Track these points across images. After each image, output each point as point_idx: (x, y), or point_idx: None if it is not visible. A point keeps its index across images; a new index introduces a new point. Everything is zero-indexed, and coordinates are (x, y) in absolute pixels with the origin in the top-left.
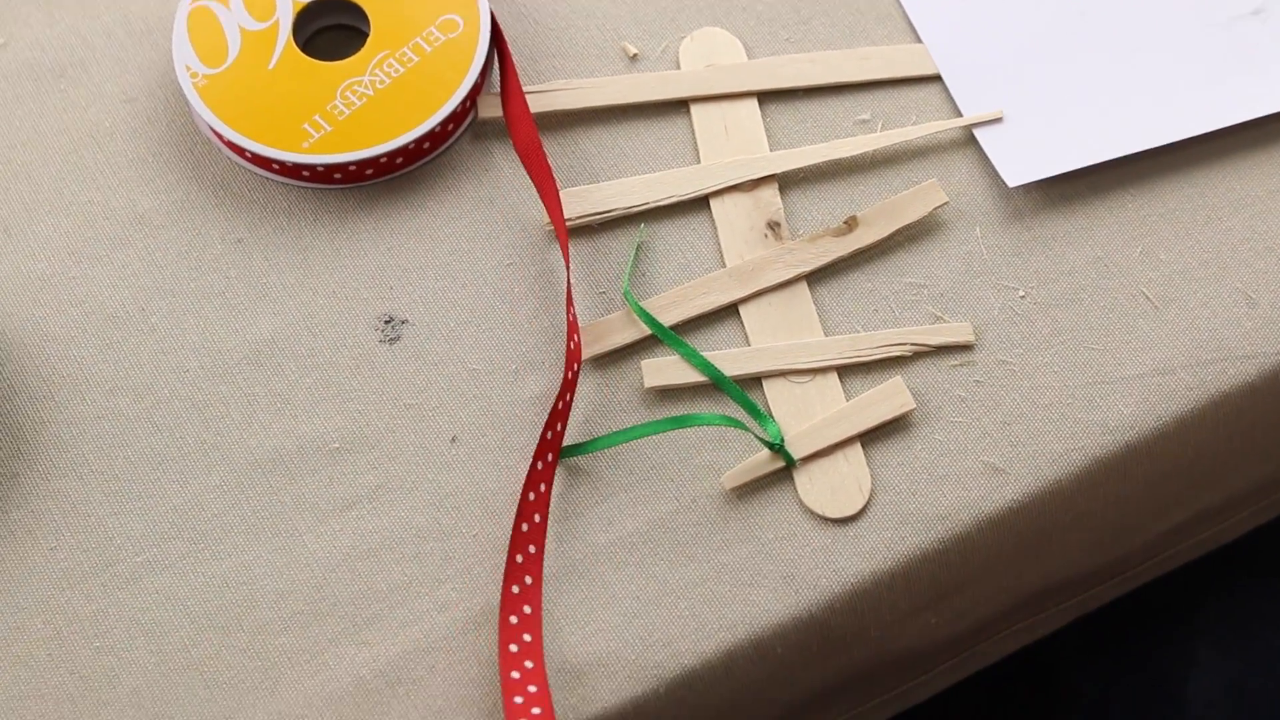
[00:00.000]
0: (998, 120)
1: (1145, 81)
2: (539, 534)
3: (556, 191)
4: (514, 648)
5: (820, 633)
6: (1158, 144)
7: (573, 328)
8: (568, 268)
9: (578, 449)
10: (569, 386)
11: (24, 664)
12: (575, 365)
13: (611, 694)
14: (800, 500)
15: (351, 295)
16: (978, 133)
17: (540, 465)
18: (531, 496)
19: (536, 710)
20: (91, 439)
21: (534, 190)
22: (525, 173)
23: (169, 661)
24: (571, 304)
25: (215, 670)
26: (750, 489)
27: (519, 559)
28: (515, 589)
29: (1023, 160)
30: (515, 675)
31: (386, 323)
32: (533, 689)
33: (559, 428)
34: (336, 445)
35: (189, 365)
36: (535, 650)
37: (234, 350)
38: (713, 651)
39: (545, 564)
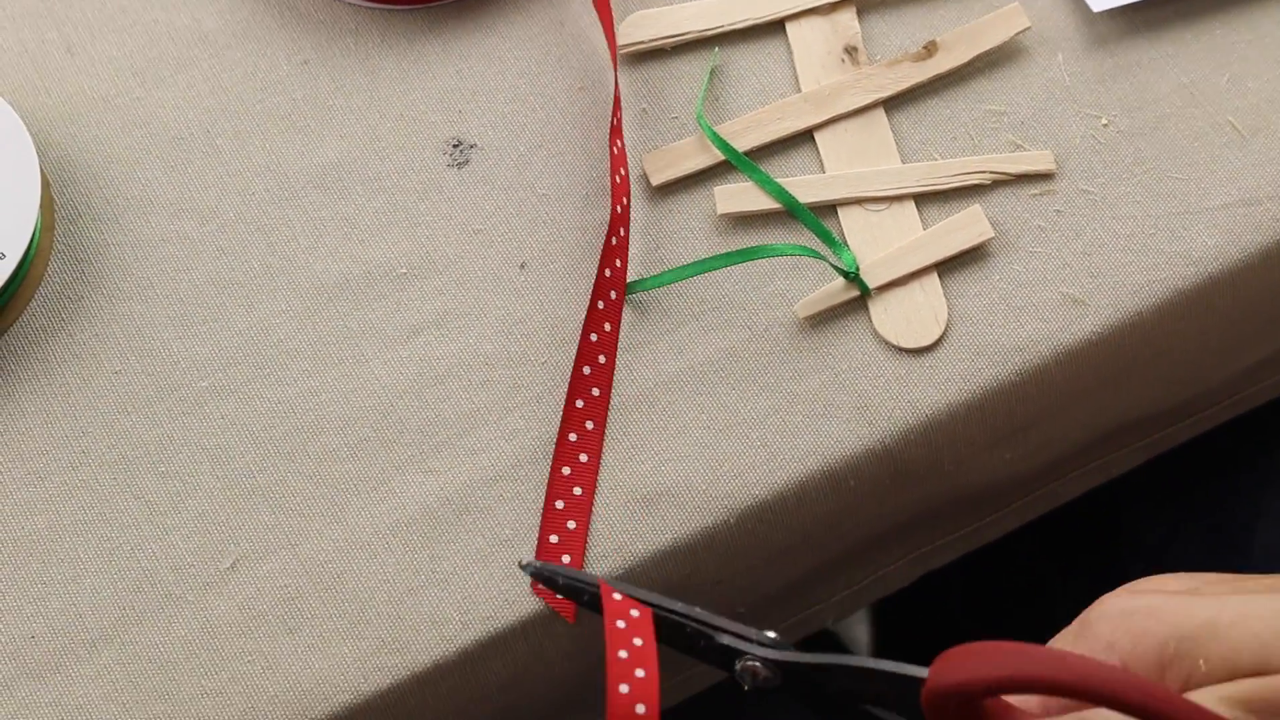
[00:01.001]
0: None
1: None
2: (604, 376)
3: (611, 18)
4: (560, 504)
5: (893, 465)
6: None
7: (618, 160)
8: (616, 99)
9: (644, 283)
10: (621, 221)
11: (89, 488)
12: (625, 198)
13: (682, 524)
14: (875, 330)
15: (419, 119)
16: None
17: (602, 304)
18: (594, 337)
19: (567, 558)
20: (156, 262)
21: None
22: None
23: (234, 487)
24: (618, 136)
25: (280, 496)
26: (824, 318)
27: (579, 404)
28: (573, 436)
29: None
30: (554, 539)
31: (455, 146)
32: (572, 525)
33: (617, 264)
34: (404, 270)
35: (254, 188)
36: (584, 506)
37: (300, 174)
38: (784, 482)
39: (614, 393)
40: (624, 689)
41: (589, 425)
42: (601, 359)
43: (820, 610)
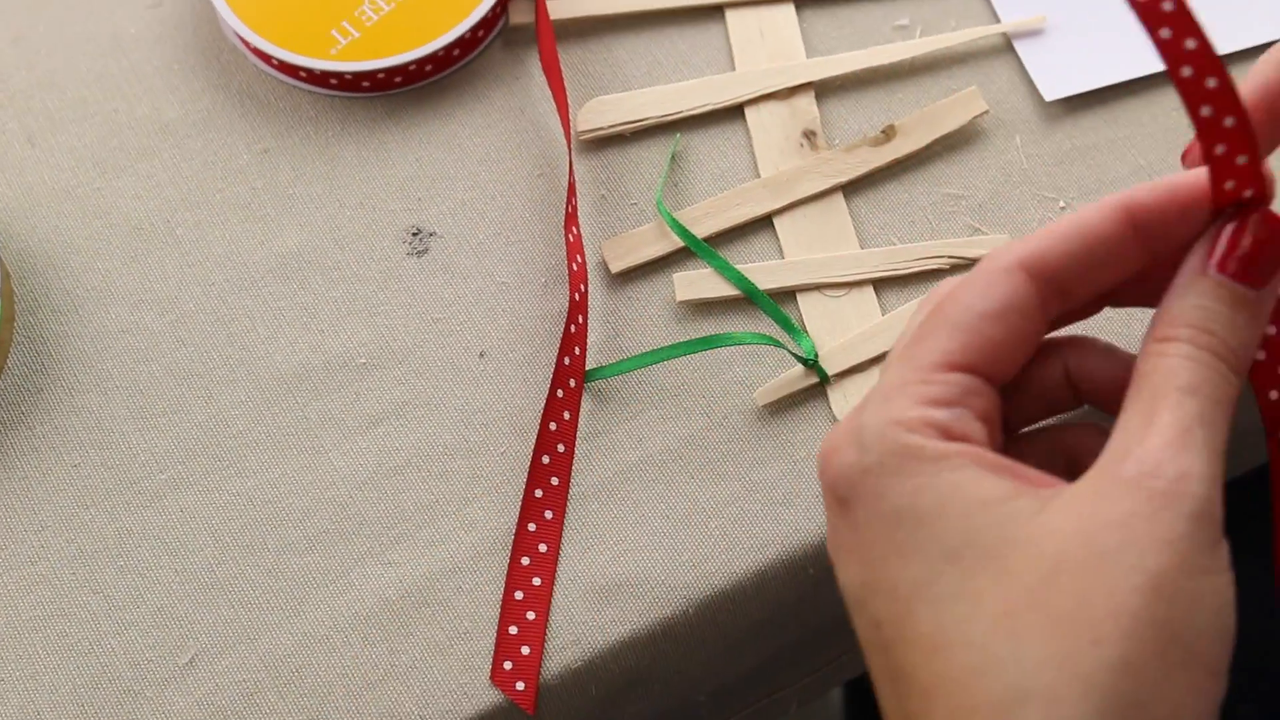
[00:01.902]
0: (1039, 26)
1: None
2: (563, 465)
3: (566, 106)
4: (519, 594)
5: None
6: None
7: (574, 247)
8: (571, 187)
9: (603, 371)
10: (579, 309)
11: (47, 583)
12: (583, 286)
13: (641, 614)
14: (835, 417)
15: (379, 206)
16: (1016, 44)
17: (561, 393)
18: (553, 426)
19: (526, 650)
20: (115, 354)
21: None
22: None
23: (193, 581)
24: (574, 223)
25: (239, 589)
26: (783, 405)
27: (538, 493)
28: (532, 526)
29: (1062, 73)
30: (513, 630)
31: (414, 235)
32: (532, 615)
33: (576, 352)
34: (363, 360)
35: (214, 278)
36: (543, 596)
37: (260, 263)
38: (743, 571)
39: (573, 483)
40: None
41: (548, 515)
42: (560, 448)
43: (784, 696)
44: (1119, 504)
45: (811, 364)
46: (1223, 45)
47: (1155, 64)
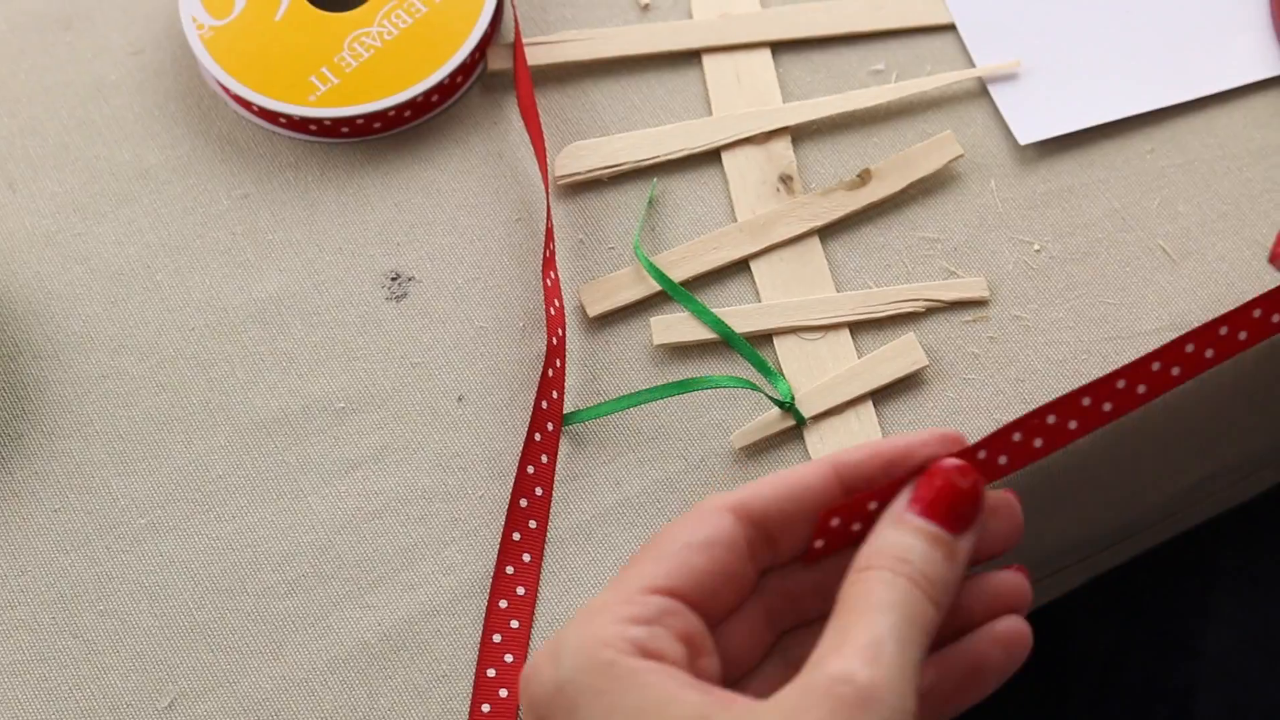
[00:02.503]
0: (1013, 71)
1: (1162, 37)
2: (541, 509)
3: (544, 151)
4: (497, 638)
5: None
6: (1175, 102)
7: (552, 292)
8: (549, 232)
9: (581, 415)
10: (557, 353)
11: (27, 628)
12: (560, 330)
13: None
14: (810, 458)
15: (358, 252)
16: (991, 88)
17: (539, 437)
18: (530, 470)
19: (504, 693)
20: (96, 399)
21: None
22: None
23: (172, 625)
24: (551, 268)
25: (219, 634)
26: (760, 448)
27: (516, 536)
28: (510, 569)
29: (1035, 117)
30: (491, 673)
31: (393, 279)
32: (509, 659)
33: (554, 396)
34: (342, 405)
35: (194, 323)
36: (521, 640)
37: (240, 308)
38: None
39: (551, 525)
40: None
41: (526, 558)
42: (539, 491)
43: None
44: (811, 712)
45: (788, 407)
46: (1197, 89)
47: (1128, 108)
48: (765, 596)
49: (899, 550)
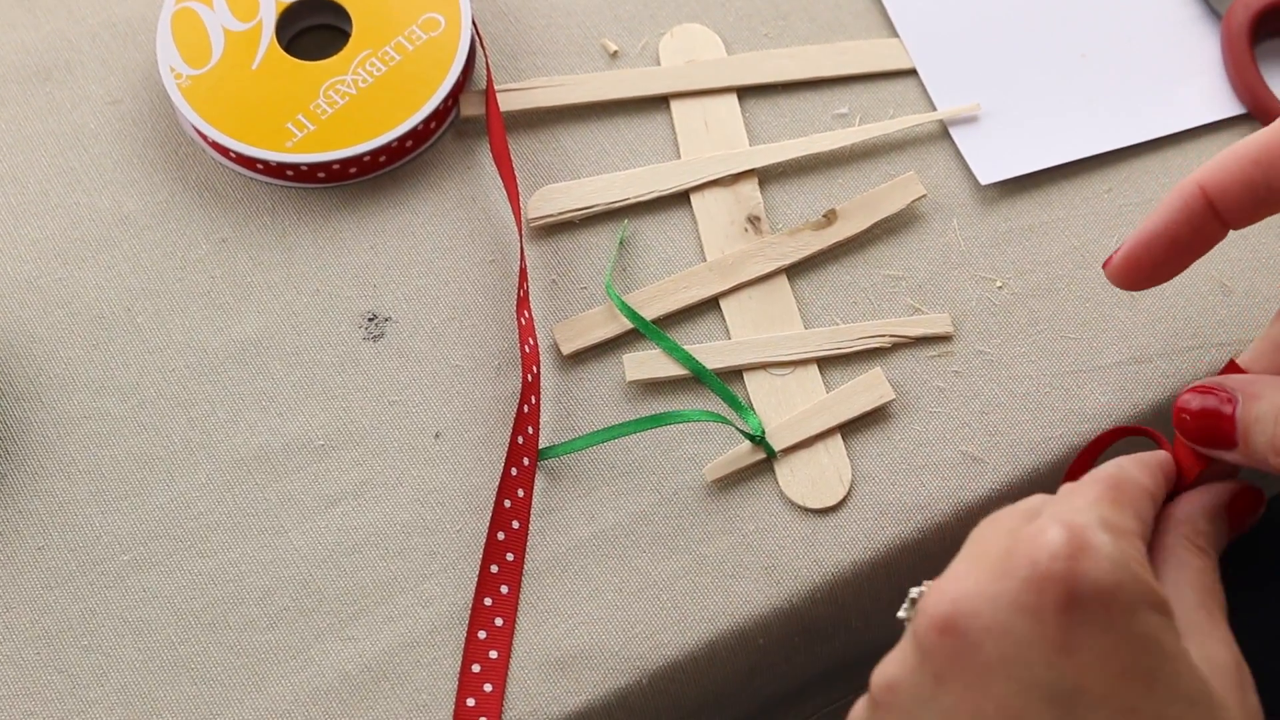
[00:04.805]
0: (974, 114)
1: (1117, 81)
2: (518, 541)
3: (517, 193)
4: (476, 668)
5: (802, 623)
6: (1131, 143)
7: (526, 330)
8: (523, 272)
9: (556, 450)
10: (531, 389)
11: (12, 663)
12: (535, 367)
13: (596, 685)
14: (781, 491)
15: (335, 293)
16: (952, 130)
17: (515, 471)
18: (507, 503)
19: None
20: (78, 439)
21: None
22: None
23: (156, 659)
24: (525, 307)
25: (202, 667)
26: (731, 481)
27: (494, 569)
28: (488, 600)
29: (996, 158)
30: (470, 702)
31: (370, 320)
32: (489, 688)
33: (529, 431)
34: (321, 442)
35: (175, 365)
36: (500, 669)
37: (219, 349)
38: (695, 643)
39: (528, 558)
40: None
41: (504, 590)
42: (515, 524)
43: None
44: None
45: (759, 440)
46: (1152, 131)
47: (1085, 149)
48: None
49: None
